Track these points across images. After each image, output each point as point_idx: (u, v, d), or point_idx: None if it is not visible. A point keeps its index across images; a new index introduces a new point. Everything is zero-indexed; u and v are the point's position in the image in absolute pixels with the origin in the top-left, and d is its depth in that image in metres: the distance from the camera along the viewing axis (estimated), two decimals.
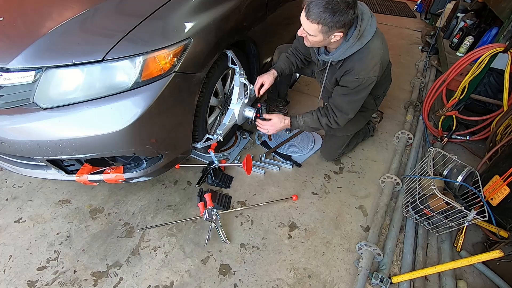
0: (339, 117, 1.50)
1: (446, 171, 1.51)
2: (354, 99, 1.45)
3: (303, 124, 1.60)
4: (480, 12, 2.74)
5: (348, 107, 1.47)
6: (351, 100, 1.45)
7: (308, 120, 1.58)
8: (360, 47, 1.31)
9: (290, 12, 2.17)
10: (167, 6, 1.25)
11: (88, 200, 1.61)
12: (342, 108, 1.48)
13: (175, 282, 1.30)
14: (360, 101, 1.46)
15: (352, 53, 1.33)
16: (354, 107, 1.48)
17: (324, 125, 1.56)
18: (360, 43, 1.30)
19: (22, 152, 1.17)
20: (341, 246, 1.49)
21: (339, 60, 1.39)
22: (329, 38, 1.26)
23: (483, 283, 1.39)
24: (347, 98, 1.45)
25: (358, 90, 1.40)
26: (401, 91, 2.74)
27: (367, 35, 1.30)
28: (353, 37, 1.28)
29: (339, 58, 1.36)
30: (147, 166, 1.35)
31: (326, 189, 1.77)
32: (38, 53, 1.10)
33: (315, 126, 1.59)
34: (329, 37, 1.25)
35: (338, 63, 1.41)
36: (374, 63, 1.34)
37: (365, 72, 1.34)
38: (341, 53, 1.34)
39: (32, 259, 1.35)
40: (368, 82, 1.37)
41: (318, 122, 1.56)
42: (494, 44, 1.75)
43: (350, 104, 1.46)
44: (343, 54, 1.34)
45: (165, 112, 1.24)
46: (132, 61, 1.12)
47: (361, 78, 1.35)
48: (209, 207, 1.48)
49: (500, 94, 1.86)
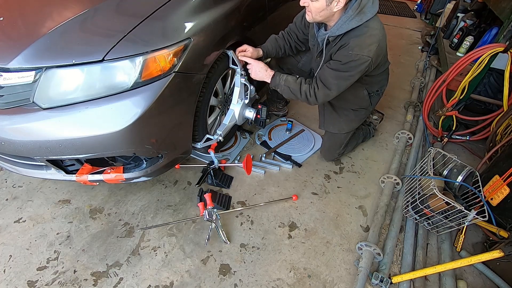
0: (320, 89, 1.44)
1: (446, 171, 1.51)
2: (342, 76, 1.39)
3: (284, 82, 1.52)
4: (480, 12, 2.74)
5: (333, 82, 1.41)
6: (339, 75, 1.39)
7: (291, 81, 1.51)
8: (359, 23, 1.30)
9: (290, 12, 2.17)
10: (167, 6, 1.25)
11: (88, 200, 1.61)
12: (326, 81, 1.42)
13: (175, 282, 1.30)
14: (347, 79, 1.40)
15: (350, 28, 1.31)
16: (339, 84, 1.41)
17: (303, 93, 1.48)
18: (360, 19, 1.29)
19: (22, 152, 1.17)
20: (341, 246, 1.49)
21: (336, 36, 1.37)
22: (331, 5, 1.25)
23: (483, 283, 1.39)
24: (335, 72, 1.39)
25: (348, 67, 1.35)
26: (401, 91, 2.74)
27: (368, 12, 1.29)
28: (352, 9, 1.27)
29: (337, 33, 1.35)
30: (147, 166, 1.35)
31: (326, 189, 1.77)
32: (38, 53, 1.10)
33: (294, 88, 1.50)
34: (332, 3, 1.25)
35: (335, 40, 1.39)
36: (370, 42, 1.32)
37: (359, 48, 1.31)
38: (339, 26, 1.33)
39: (32, 259, 1.35)
40: (361, 61, 1.33)
41: (299, 86, 1.49)
42: (494, 44, 1.75)
43: (336, 79, 1.40)
44: (341, 27, 1.32)
45: (165, 112, 1.24)
46: (132, 61, 1.12)
47: (354, 54, 1.32)
48: (209, 207, 1.48)
49: (500, 94, 1.86)
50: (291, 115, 2.31)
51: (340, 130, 1.76)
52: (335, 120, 1.74)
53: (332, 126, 1.76)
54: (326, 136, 1.88)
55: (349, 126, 1.76)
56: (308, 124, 2.22)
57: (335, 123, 1.75)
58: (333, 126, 1.76)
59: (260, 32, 1.79)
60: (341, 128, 1.75)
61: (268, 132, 2.11)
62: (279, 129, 2.16)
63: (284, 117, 2.26)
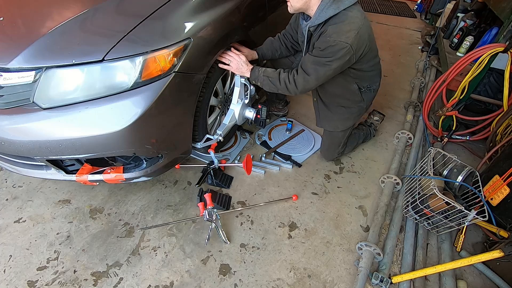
0: (299, 74, 1.44)
1: (446, 171, 1.51)
2: (320, 61, 1.39)
3: (263, 73, 1.52)
4: (480, 12, 2.74)
5: (311, 66, 1.41)
6: (317, 61, 1.39)
7: (269, 71, 1.52)
8: (336, 11, 1.32)
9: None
10: (167, 6, 1.25)
11: (88, 200, 1.61)
12: (305, 66, 1.43)
13: (175, 282, 1.30)
14: (324, 65, 1.39)
15: (328, 16, 1.33)
16: (317, 69, 1.41)
17: (281, 80, 1.48)
18: (337, 7, 1.31)
19: (22, 152, 1.17)
20: (341, 246, 1.49)
21: (317, 26, 1.40)
22: None
23: (483, 283, 1.39)
24: (314, 58, 1.40)
25: (326, 52, 1.35)
26: (401, 91, 2.74)
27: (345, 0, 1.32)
28: None
29: (316, 22, 1.37)
30: (147, 166, 1.35)
31: (326, 189, 1.77)
32: (38, 53, 1.10)
33: (272, 77, 1.50)
34: None
35: (316, 29, 1.42)
36: (348, 29, 1.32)
37: (337, 35, 1.32)
38: (317, 15, 1.35)
39: (32, 259, 1.35)
40: (338, 47, 1.32)
41: (277, 75, 1.50)
42: (494, 44, 1.75)
43: (314, 64, 1.40)
44: (319, 16, 1.35)
45: (165, 112, 1.24)
46: (132, 61, 1.12)
47: (332, 40, 1.32)
48: (209, 207, 1.48)
49: (500, 94, 1.86)
50: (291, 115, 2.31)
51: (335, 128, 1.76)
52: (329, 118, 1.75)
53: (327, 124, 1.77)
54: (325, 135, 1.88)
55: (343, 124, 1.75)
56: (308, 124, 2.22)
57: (329, 120, 1.76)
58: (328, 123, 1.77)
59: (260, 32, 1.79)
60: (336, 126, 1.75)
61: (268, 132, 2.12)
62: (279, 129, 2.16)
63: (284, 117, 2.26)
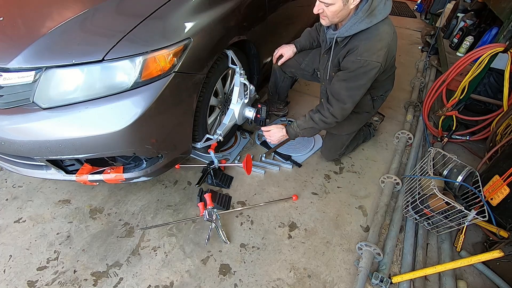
0: (335, 106, 1.43)
1: (446, 171, 1.51)
2: (353, 86, 1.38)
3: (298, 128, 1.58)
4: (480, 12, 2.74)
5: (346, 94, 1.40)
6: (350, 86, 1.38)
7: (302, 123, 1.56)
8: (369, 25, 1.27)
9: (290, 12, 2.18)
10: (167, 6, 1.25)
11: (88, 200, 1.61)
12: (339, 96, 1.41)
13: (175, 282, 1.30)
14: (359, 88, 1.39)
15: (359, 30, 1.28)
16: (352, 95, 1.40)
17: (319, 122, 1.50)
18: (369, 21, 1.26)
19: (22, 152, 1.16)
20: (341, 246, 1.49)
21: (344, 38, 1.35)
22: (348, 4, 1.23)
23: (483, 283, 1.39)
24: (346, 83, 1.38)
25: (357, 73, 1.34)
26: (401, 91, 2.73)
27: (378, 14, 1.26)
28: (363, 10, 1.25)
29: (345, 34, 1.32)
30: (147, 166, 1.35)
31: (326, 189, 1.77)
32: (38, 53, 1.10)
33: (309, 126, 1.55)
34: (348, 2, 1.22)
35: (343, 41, 1.37)
36: (380, 47, 1.29)
37: (368, 54, 1.29)
38: (348, 28, 1.30)
39: (32, 259, 1.35)
40: (370, 67, 1.31)
41: (311, 120, 1.52)
42: (494, 44, 1.75)
43: (349, 91, 1.39)
44: (350, 29, 1.29)
45: (165, 112, 1.24)
46: (132, 61, 1.12)
47: (363, 60, 1.29)
48: (209, 207, 1.48)
49: (500, 94, 1.86)
50: (291, 115, 2.31)
51: (340, 131, 1.76)
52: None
53: (333, 128, 1.76)
54: (327, 136, 1.88)
55: (350, 128, 1.76)
56: None
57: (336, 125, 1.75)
58: (334, 127, 1.76)
59: (260, 32, 1.79)
60: (341, 129, 1.75)
61: None
62: None
63: (284, 117, 2.26)
